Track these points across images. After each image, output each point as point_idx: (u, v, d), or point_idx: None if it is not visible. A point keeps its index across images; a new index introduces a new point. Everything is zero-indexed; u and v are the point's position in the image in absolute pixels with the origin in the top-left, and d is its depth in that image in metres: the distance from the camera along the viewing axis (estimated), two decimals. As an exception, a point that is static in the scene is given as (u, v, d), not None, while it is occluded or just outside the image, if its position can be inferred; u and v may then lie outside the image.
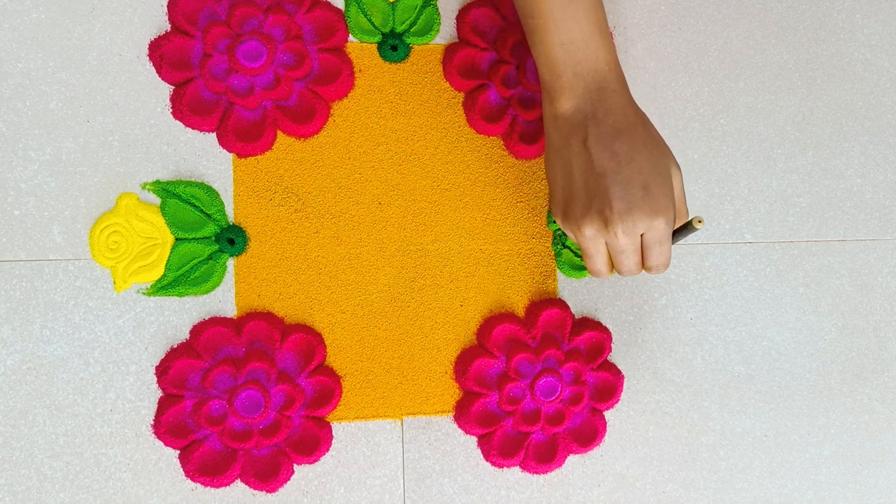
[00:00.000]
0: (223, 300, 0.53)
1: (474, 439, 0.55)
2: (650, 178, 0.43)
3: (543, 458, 0.55)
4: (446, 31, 0.56)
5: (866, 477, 0.61)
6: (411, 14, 0.55)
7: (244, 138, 0.52)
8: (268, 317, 0.53)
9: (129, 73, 0.52)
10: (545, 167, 0.49)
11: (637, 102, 0.58)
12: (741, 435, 0.59)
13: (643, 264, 0.47)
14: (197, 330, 0.52)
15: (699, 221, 0.44)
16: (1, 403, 0.50)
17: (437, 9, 0.56)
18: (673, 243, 0.47)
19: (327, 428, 0.53)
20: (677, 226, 0.47)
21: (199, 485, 0.51)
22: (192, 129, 0.53)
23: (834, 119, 0.61)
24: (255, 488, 0.52)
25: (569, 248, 0.57)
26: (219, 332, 0.52)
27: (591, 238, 0.45)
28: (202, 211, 0.52)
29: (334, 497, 0.53)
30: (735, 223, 0.59)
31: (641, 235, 0.45)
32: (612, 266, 0.48)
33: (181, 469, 0.51)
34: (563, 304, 0.56)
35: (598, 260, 0.47)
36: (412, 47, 0.56)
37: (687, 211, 0.48)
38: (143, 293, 0.52)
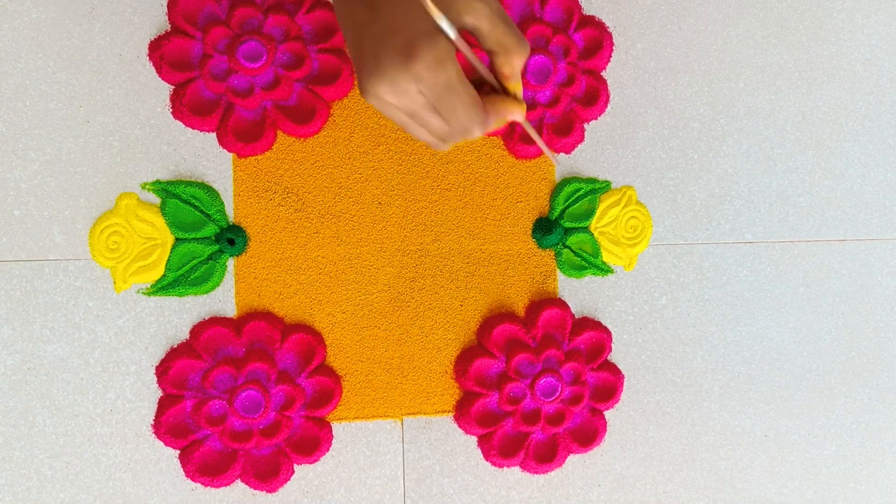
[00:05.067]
0: (223, 300, 0.53)
1: (474, 439, 0.55)
2: (404, 19, 0.34)
3: (543, 458, 0.55)
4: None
5: (866, 477, 0.61)
6: (411, 14, 0.55)
7: (244, 138, 0.52)
8: (268, 317, 0.53)
9: (129, 73, 0.52)
10: None
11: (635, 101, 0.58)
12: (741, 435, 0.59)
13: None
14: (197, 330, 0.52)
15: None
16: (1, 403, 0.50)
17: (437, 9, 0.56)
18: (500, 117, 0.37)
19: (327, 428, 0.53)
20: (507, 68, 0.36)
21: (199, 485, 0.51)
22: (192, 129, 0.53)
23: (834, 119, 0.61)
24: (255, 488, 0.52)
25: (569, 247, 0.57)
26: (219, 332, 0.52)
27: (379, 107, 0.36)
28: (202, 211, 0.52)
29: (334, 497, 0.53)
30: (735, 223, 0.59)
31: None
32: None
33: (181, 469, 0.51)
34: (563, 304, 0.56)
35: (412, 131, 0.37)
36: (412, 47, 0.56)
37: (517, 43, 0.35)
38: (143, 293, 0.52)
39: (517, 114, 0.37)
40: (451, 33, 0.34)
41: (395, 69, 0.34)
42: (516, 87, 0.37)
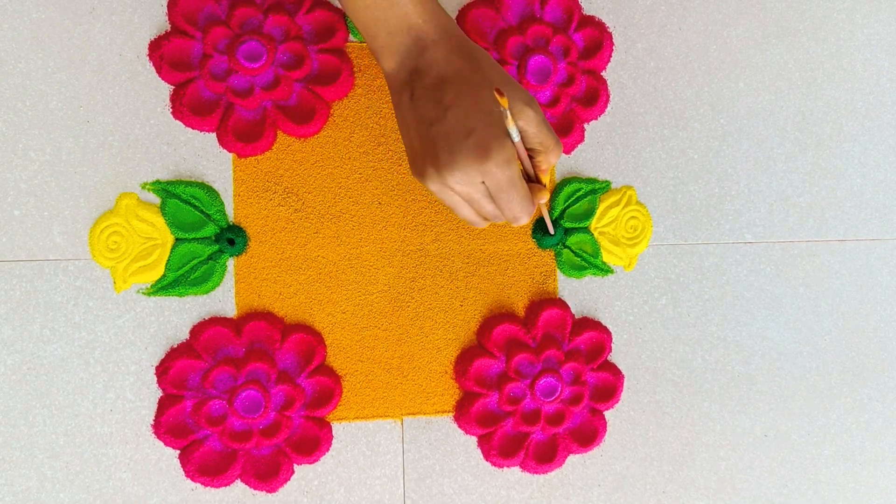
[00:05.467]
0: (223, 300, 0.53)
1: (474, 439, 0.55)
2: (476, 121, 0.39)
3: (543, 458, 0.55)
4: (446, 31, 0.56)
5: (866, 477, 0.61)
6: (411, 14, 0.55)
7: (244, 138, 0.52)
8: (268, 317, 0.53)
9: (129, 73, 0.52)
10: None
11: (635, 101, 0.58)
12: (741, 435, 0.59)
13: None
14: (197, 330, 0.52)
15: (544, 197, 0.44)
16: (1, 403, 0.50)
17: (437, 9, 0.56)
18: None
19: (327, 428, 0.53)
20: (545, 164, 0.44)
21: (199, 485, 0.51)
22: (192, 129, 0.53)
23: (834, 119, 0.61)
24: (255, 488, 0.52)
25: (569, 248, 0.57)
26: (219, 332, 0.52)
27: (439, 192, 0.42)
28: (202, 211, 0.52)
29: (334, 497, 0.53)
30: (735, 223, 0.59)
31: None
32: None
33: (181, 469, 0.51)
34: (563, 304, 0.56)
35: (462, 212, 0.44)
36: (412, 47, 0.56)
37: (555, 144, 0.43)
38: (143, 293, 0.52)
39: (544, 198, 0.45)
40: (516, 137, 0.40)
41: (468, 164, 0.39)
42: (546, 178, 0.45)
